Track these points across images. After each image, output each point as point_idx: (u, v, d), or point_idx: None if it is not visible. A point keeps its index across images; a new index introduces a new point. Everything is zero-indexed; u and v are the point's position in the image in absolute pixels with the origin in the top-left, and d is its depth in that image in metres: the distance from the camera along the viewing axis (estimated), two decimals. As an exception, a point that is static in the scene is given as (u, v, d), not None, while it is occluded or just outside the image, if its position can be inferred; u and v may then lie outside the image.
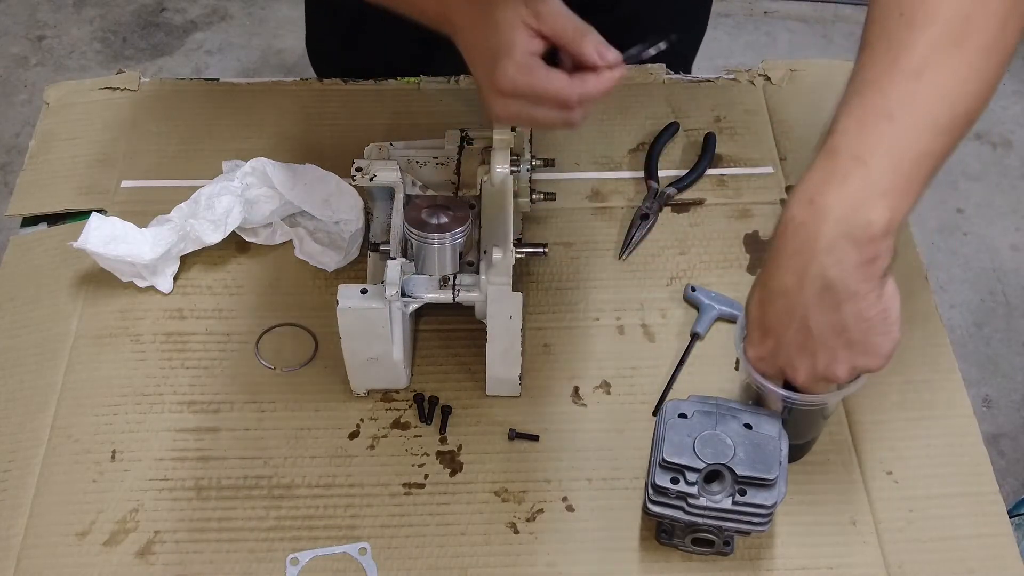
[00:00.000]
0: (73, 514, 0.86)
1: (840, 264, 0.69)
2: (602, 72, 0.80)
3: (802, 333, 0.72)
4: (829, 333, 0.71)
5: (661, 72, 1.18)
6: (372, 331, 0.85)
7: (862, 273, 0.69)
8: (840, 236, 0.68)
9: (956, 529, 0.85)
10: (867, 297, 0.70)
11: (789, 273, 0.70)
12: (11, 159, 2.33)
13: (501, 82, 0.79)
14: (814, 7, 2.68)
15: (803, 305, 0.71)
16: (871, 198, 0.68)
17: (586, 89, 0.80)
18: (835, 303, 0.70)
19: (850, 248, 0.68)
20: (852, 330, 0.71)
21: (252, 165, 1.01)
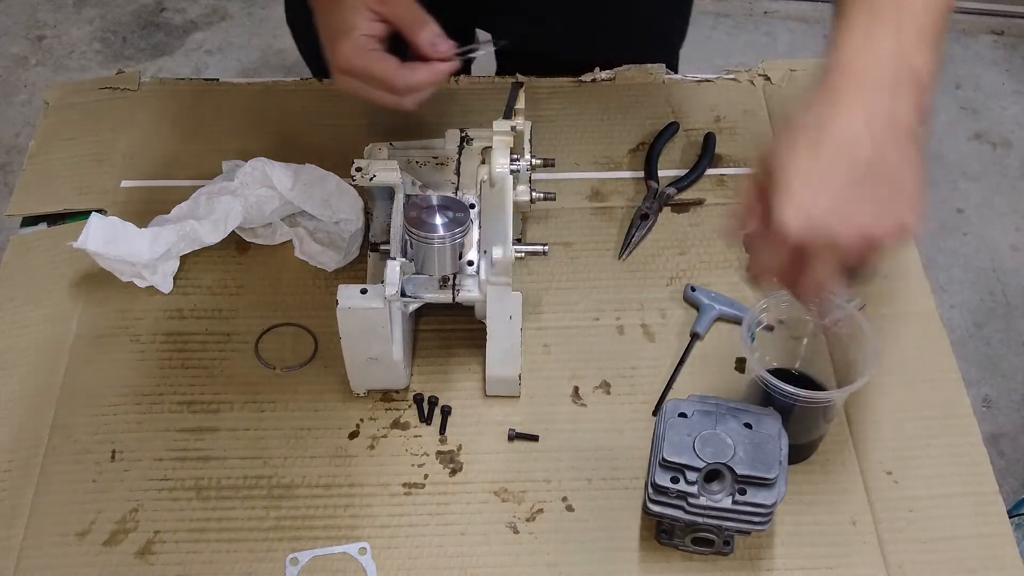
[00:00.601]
0: (73, 514, 0.86)
1: (908, 104, 0.67)
2: (433, 63, 0.85)
3: (869, 176, 0.67)
4: (887, 179, 0.67)
5: (661, 72, 1.18)
6: (372, 331, 0.85)
7: (919, 120, 0.68)
8: (905, 79, 0.67)
9: (956, 529, 0.85)
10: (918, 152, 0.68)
11: (855, 114, 0.67)
12: (11, 159, 2.33)
13: (338, 60, 0.84)
14: (814, 7, 2.68)
15: (873, 144, 0.66)
16: (924, 47, 0.68)
17: (415, 78, 0.84)
18: (900, 143, 0.67)
19: (915, 89, 0.68)
20: (905, 179, 0.68)
21: (252, 165, 1.01)
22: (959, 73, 2.54)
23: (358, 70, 0.84)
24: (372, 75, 0.84)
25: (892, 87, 0.67)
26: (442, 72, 0.85)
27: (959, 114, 2.45)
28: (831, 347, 0.90)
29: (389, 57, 0.84)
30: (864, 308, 0.97)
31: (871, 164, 0.67)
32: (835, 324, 0.84)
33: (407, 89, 0.85)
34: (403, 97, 0.85)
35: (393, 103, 0.86)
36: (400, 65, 0.84)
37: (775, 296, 0.87)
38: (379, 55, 0.84)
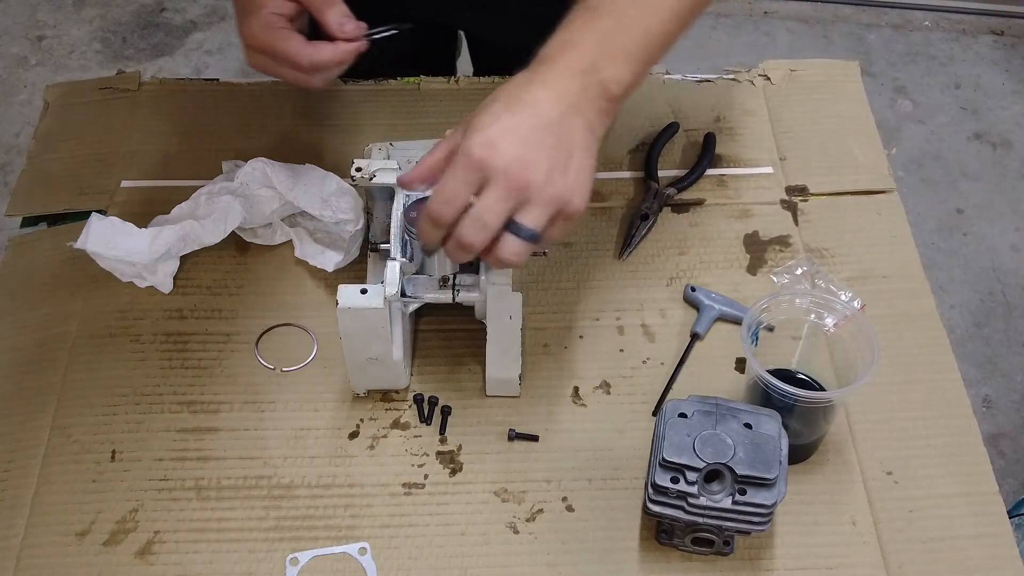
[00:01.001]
0: (73, 514, 0.86)
1: (591, 102, 0.76)
2: (339, 43, 0.87)
3: (547, 136, 0.74)
4: (564, 149, 0.74)
5: (661, 72, 1.18)
6: (372, 331, 0.85)
7: (599, 120, 0.77)
8: (594, 82, 0.76)
9: (956, 529, 0.85)
10: (595, 142, 0.77)
11: (545, 89, 0.75)
12: (11, 159, 2.33)
13: (246, 36, 0.87)
14: (814, 7, 2.68)
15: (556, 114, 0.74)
16: (623, 60, 0.77)
17: (319, 56, 0.86)
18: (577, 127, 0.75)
19: (600, 91, 0.76)
20: (579, 159, 0.75)
21: (252, 165, 1.01)
22: (959, 73, 2.54)
23: (265, 47, 0.87)
24: (277, 52, 0.86)
25: (582, 86, 0.75)
26: (347, 52, 0.88)
27: (959, 114, 2.45)
28: (831, 347, 0.90)
29: (295, 35, 0.87)
30: (864, 308, 0.97)
31: (552, 127, 0.74)
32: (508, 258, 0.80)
33: (312, 67, 0.87)
34: (310, 75, 0.88)
35: (301, 81, 0.88)
36: (306, 43, 0.86)
37: (775, 296, 0.88)
38: (285, 33, 0.86)
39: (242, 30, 0.88)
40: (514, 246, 0.75)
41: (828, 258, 1.03)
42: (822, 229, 1.05)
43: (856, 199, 1.08)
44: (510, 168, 0.73)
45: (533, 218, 0.74)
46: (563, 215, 0.75)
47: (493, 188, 0.73)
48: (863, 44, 2.61)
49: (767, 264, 1.02)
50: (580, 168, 0.75)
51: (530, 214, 0.74)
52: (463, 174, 0.74)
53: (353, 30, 0.88)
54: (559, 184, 0.74)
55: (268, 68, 0.89)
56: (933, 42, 2.61)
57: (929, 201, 2.28)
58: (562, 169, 0.74)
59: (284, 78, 0.89)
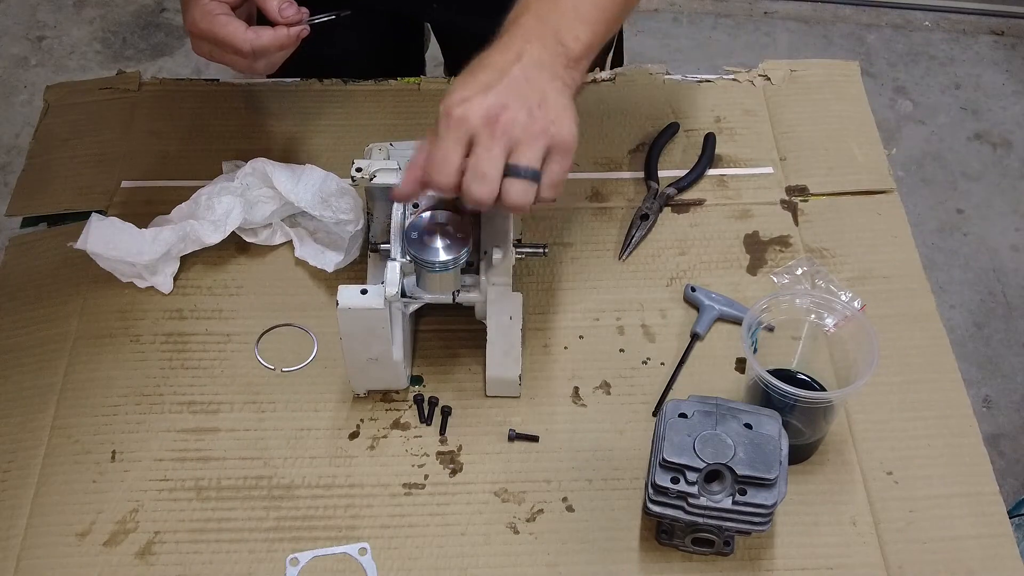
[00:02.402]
0: (73, 514, 0.86)
1: (553, 56, 0.79)
2: (279, 28, 0.89)
3: (519, 83, 0.77)
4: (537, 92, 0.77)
5: (661, 72, 1.18)
6: (372, 332, 0.85)
7: (567, 72, 0.80)
8: (553, 39, 0.79)
9: (956, 529, 0.85)
10: (567, 89, 0.79)
11: (508, 52, 0.79)
12: (11, 159, 2.33)
13: (188, 24, 0.89)
14: (814, 7, 2.68)
15: (522, 66, 0.78)
16: (578, 20, 0.81)
17: (260, 41, 0.88)
18: (545, 76, 0.78)
19: (561, 48, 0.80)
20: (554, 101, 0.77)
21: (252, 165, 1.01)
22: (959, 73, 2.54)
23: (206, 34, 0.88)
24: (218, 38, 0.88)
25: (542, 46, 0.79)
26: (288, 36, 0.89)
27: (959, 114, 2.45)
28: (831, 347, 0.89)
29: (235, 21, 0.88)
30: (864, 308, 0.97)
31: (519, 77, 0.77)
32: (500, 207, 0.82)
33: (253, 52, 0.88)
34: (252, 61, 0.89)
35: (244, 67, 0.90)
36: (246, 28, 0.88)
37: (775, 296, 0.88)
38: (225, 19, 0.88)
39: (184, 18, 0.90)
40: (519, 188, 0.76)
41: (828, 258, 1.03)
42: (822, 229, 1.05)
43: (856, 199, 1.08)
44: (490, 115, 0.75)
45: (528, 156, 0.76)
46: (556, 149, 0.77)
47: (481, 139, 0.75)
48: (863, 44, 2.61)
49: (767, 264, 1.02)
50: (558, 105, 0.77)
51: (524, 153, 0.76)
52: (448, 136, 0.76)
53: (293, 15, 0.89)
54: (542, 119, 0.76)
55: (213, 55, 0.90)
56: (933, 42, 2.61)
57: (929, 201, 2.28)
58: (539, 106, 0.76)
59: (229, 65, 0.90)
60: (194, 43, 0.91)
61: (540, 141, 0.76)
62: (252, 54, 0.89)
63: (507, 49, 0.79)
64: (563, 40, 0.80)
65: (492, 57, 0.79)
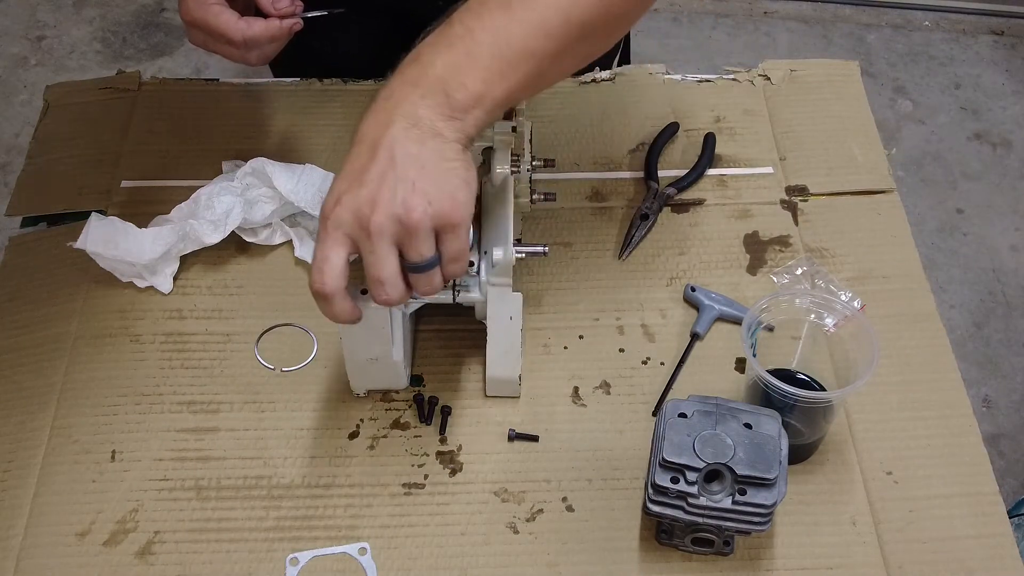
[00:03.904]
0: (73, 514, 0.86)
1: (431, 108, 0.73)
2: (272, 19, 0.90)
3: (387, 164, 0.71)
4: (412, 164, 0.71)
5: (661, 72, 1.18)
6: (372, 332, 0.85)
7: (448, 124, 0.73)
8: (436, 88, 0.73)
9: (956, 529, 0.85)
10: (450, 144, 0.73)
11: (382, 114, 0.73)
12: (11, 159, 2.33)
13: (182, 13, 0.90)
14: (814, 7, 2.68)
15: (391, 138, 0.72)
16: (470, 67, 0.73)
17: (251, 31, 0.89)
18: (420, 137, 0.72)
19: (443, 98, 0.73)
20: (432, 168, 0.72)
21: (252, 165, 1.01)
22: (959, 73, 2.54)
23: (199, 23, 0.89)
24: (210, 28, 0.89)
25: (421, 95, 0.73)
26: (280, 28, 0.90)
27: (959, 114, 2.45)
28: (831, 347, 0.90)
29: (228, 11, 0.89)
30: (864, 308, 0.97)
31: (387, 159, 0.71)
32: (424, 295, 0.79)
33: (245, 42, 0.89)
34: (245, 52, 0.90)
35: (237, 57, 0.91)
36: (238, 19, 0.89)
37: (775, 296, 0.88)
38: (218, 9, 0.89)
39: (180, 9, 0.90)
40: (423, 280, 0.74)
41: (828, 258, 1.03)
42: (822, 229, 1.05)
43: (856, 199, 1.08)
44: (361, 218, 0.71)
45: (416, 249, 0.73)
46: (442, 228, 0.73)
47: (363, 245, 0.72)
48: (863, 44, 2.61)
49: (767, 264, 1.02)
50: (435, 176, 0.72)
51: (413, 247, 0.73)
52: (326, 240, 0.73)
53: (286, 7, 0.91)
54: (418, 204, 0.71)
55: (207, 44, 0.91)
56: (933, 42, 2.61)
57: (929, 201, 2.28)
58: (414, 188, 0.71)
59: (222, 54, 0.91)
60: (188, 31, 0.91)
61: (423, 228, 0.72)
62: (244, 44, 0.90)
63: (379, 112, 0.73)
64: (448, 89, 0.73)
65: (366, 127, 0.73)
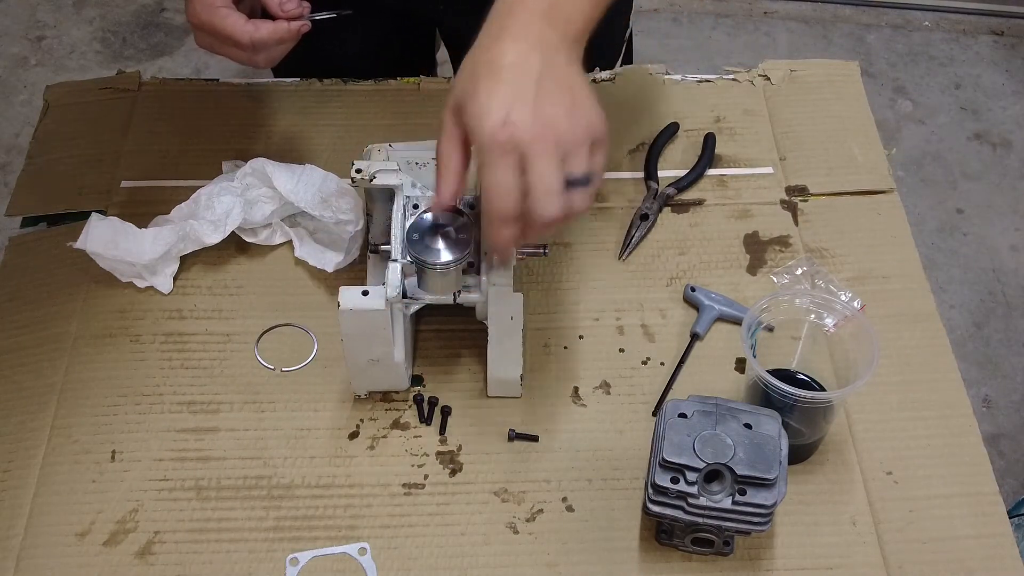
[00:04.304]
0: (73, 514, 0.86)
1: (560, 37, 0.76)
2: (279, 22, 0.90)
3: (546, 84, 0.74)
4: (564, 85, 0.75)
5: (661, 72, 1.18)
6: (373, 333, 0.85)
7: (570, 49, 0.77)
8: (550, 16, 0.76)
9: (956, 529, 0.85)
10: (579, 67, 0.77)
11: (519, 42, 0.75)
12: (11, 159, 2.33)
13: (189, 15, 0.90)
14: (814, 7, 2.68)
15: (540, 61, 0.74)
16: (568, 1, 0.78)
17: (259, 34, 0.89)
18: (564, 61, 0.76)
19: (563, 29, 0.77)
20: (579, 88, 0.76)
21: (252, 165, 1.01)
22: (959, 73, 2.54)
23: (206, 26, 0.89)
24: (217, 30, 0.88)
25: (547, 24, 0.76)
26: (288, 31, 0.90)
27: (959, 114, 2.45)
28: (831, 347, 0.90)
29: (235, 13, 0.89)
30: (864, 308, 0.97)
31: (544, 74, 0.74)
32: None
33: (252, 45, 0.89)
34: (252, 54, 0.90)
35: (244, 59, 0.91)
36: (246, 21, 0.88)
37: (775, 296, 0.88)
38: (226, 11, 0.88)
39: (187, 12, 0.90)
40: (580, 197, 0.76)
41: (828, 258, 1.03)
42: (822, 229, 1.05)
43: (856, 199, 1.08)
44: (539, 134, 0.73)
45: (579, 163, 0.75)
46: (597, 143, 0.76)
47: (537, 159, 0.73)
48: (863, 44, 2.61)
49: (767, 264, 1.02)
50: (586, 97, 0.76)
51: (576, 161, 0.74)
52: (501, 163, 0.73)
53: (293, 9, 0.90)
54: (581, 117, 0.75)
55: (214, 47, 0.91)
56: (933, 42, 2.61)
57: (929, 201, 2.28)
58: (574, 104, 0.75)
59: (229, 57, 0.91)
60: (195, 34, 0.91)
61: (585, 144, 0.75)
62: (251, 47, 0.90)
63: (517, 36, 0.75)
64: (567, 16, 0.77)
65: (506, 49, 0.75)
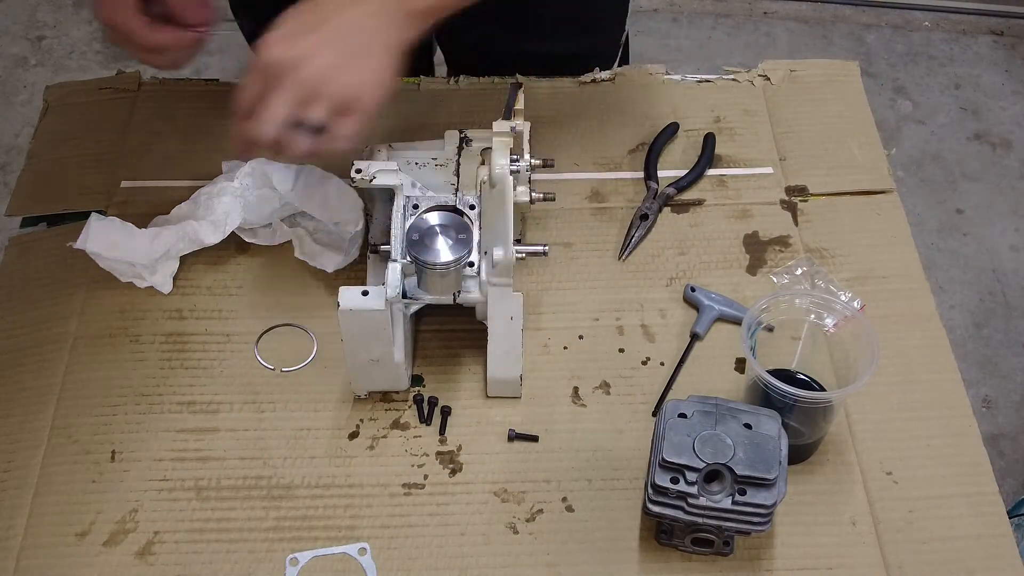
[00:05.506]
0: (73, 514, 0.86)
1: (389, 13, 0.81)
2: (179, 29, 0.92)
3: (336, 35, 0.80)
4: (355, 47, 0.80)
5: (661, 72, 1.18)
6: (373, 333, 0.85)
7: (404, 21, 0.82)
8: None
9: (956, 529, 0.85)
10: (400, 41, 0.82)
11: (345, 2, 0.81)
12: (11, 159, 2.33)
13: (97, 14, 0.91)
14: (814, 7, 2.68)
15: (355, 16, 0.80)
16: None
17: (158, 38, 0.91)
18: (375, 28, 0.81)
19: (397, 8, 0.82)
20: (371, 59, 0.80)
21: (252, 165, 1.00)
22: (959, 73, 2.54)
23: (109, 22, 0.91)
24: (119, 29, 0.90)
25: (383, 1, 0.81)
26: (187, 38, 0.92)
27: (959, 114, 2.45)
28: (831, 347, 0.90)
29: (138, 16, 0.91)
30: (864, 308, 0.97)
31: (343, 28, 0.79)
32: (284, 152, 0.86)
33: (151, 47, 0.91)
34: (154, 57, 0.93)
35: (148, 60, 0.94)
36: (148, 24, 0.91)
37: (775, 296, 0.88)
38: (130, 13, 0.90)
39: (95, 11, 0.92)
40: (296, 139, 0.82)
41: (828, 258, 1.03)
42: (822, 229, 1.05)
43: (856, 199, 1.08)
44: (292, 64, 0.79)
45: (316, 111, 0.80)
46: (353, 106, 0.81)
47: (272, 88, 0.80)
48: (863, 44, 2.61)
49: (767, 264, 1.02)
50: (371, 68, 0.80)
51: (313, 107, 0.80)
52: (251, 75, 0.81)
53: (193, 16, 0.92)
54: (344, 81, 0.79)
55: (120, 44, 0.92)
56: (933, 42, 2.61)
57: (929, 201, 2.28)
58: (348, 67, 0.79)
59: (134, 56, 0.93)
60: (108, 32, 0.92)
61: (335, 101, 0.79)
62: (150, 49, 0.92)
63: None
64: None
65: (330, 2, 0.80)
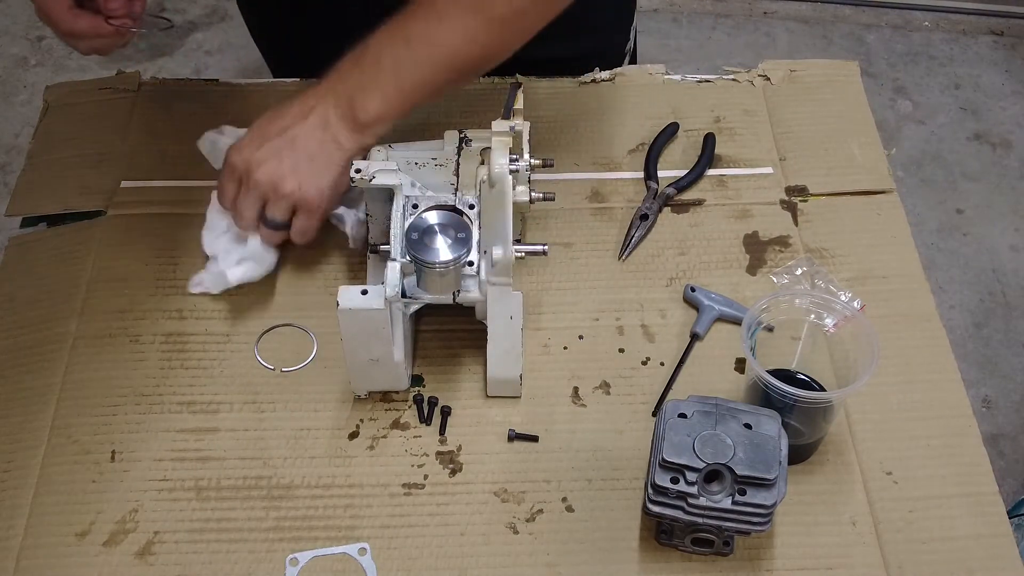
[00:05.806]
0: (73, 514, 0.86)
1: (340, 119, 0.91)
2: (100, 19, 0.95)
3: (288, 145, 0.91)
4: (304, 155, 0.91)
5: (661, 72, 1.18)
6: (373, 332, 0.85)
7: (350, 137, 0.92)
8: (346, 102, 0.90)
9: (956, 529, 0.85)
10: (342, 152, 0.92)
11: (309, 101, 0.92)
12: (11, 159, 2.33)
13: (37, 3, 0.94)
14: (814, 7, 2.68)
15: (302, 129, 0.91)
16: (374, 90, 0.90)
17: (75, 26, 0.94)
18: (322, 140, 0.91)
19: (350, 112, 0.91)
20: (318, 164, 0.92)
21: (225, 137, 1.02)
22: (959, 73, 2.54)
23: (39, 9, 0.94)
24: (43, 9, 0.94)
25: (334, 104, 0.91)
26: (106, 28, 0.95)
27: (959, 114, 2.45)
28: (831, 347, 0.90)
29: (67, 8, 0.94)
30: (864, 308, 0.97)
31: (295, 137, 0.91)
32: None
33: (69, 33, 0.95)
34: (75, 42, 0.96)
35: (70, 44, 0.97)
36: (69, 9, 0.94)
37: (775, 296, 0.88)
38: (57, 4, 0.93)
39: None
40: (266, 233, 0.95)
41: (828, 258, 1.03)
42: (822, 229, 1.05)
43: (856, 199, 1.08)
44: (249, 169, 0.91)
45: (273, 210, 0.93)
46: (301, 207, 0.93)
47: (244, 188, 0.93)
48: (863, 44, 2.61)
49: (767, 264, 1.02)
50: (313, 173, 0.91)
51: (271, 207, 0.93)
52: (224, 173, 0.94)
53: (115, 8, 0.94)
54: (291, 180, 0.91)
55: (44, 23, 0.95)
56: (933, 42, 2.61)
57: (929, 201, 2.28)
58: (294, 169, 0.91)
59: (59, 38, 0.96)
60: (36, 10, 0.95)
61: (285, 200, 0.92)
62: (69, 35, 0.95)
63: (304, 103, 0.92)
64: (355, 107, 0.90)
65: (290, 109, 0.92)
